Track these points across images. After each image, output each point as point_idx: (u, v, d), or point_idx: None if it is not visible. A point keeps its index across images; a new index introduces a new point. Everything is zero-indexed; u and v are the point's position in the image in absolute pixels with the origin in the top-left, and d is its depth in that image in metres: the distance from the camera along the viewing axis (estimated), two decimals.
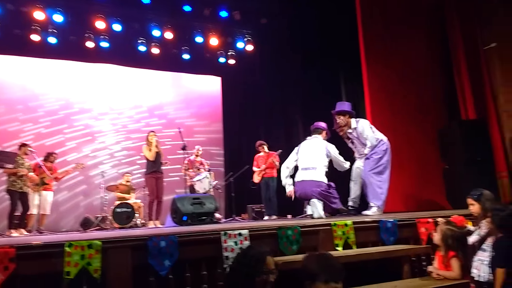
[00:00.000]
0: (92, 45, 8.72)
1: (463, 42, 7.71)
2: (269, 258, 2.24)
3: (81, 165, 7.51)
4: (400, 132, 6.84)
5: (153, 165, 6.79)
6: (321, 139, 5.29)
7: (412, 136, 7.14)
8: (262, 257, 2.22)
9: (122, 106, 9.79)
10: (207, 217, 5.32)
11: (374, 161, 5.29)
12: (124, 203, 7.51)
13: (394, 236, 3.73)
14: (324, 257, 2.17)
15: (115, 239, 2.80)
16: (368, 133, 5.36)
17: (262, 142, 7.91)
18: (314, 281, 2.08)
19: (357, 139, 5.48)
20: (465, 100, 7.65)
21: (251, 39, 9.57)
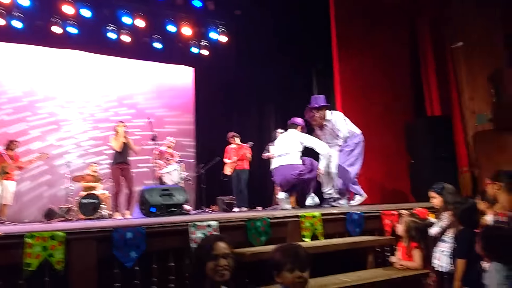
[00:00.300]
0: (59, 30, 8.39)
1: (431, 40, 7.94)
2: (218, 244, 2.25)
3: (45, 155, 7.27)
4: (369, 126, 6.97)
5: (119, 156, 6.66)
6: (295, 131, 5.40)
7: (380, 130, 7.30)
8: (210, 244, 2.25)
9: (90, 94, 9.50)
10: (176, 209, 5.27)
11: (346, 154, 5.44)
12: (91, 194, 7.33)
13: (360, 227, 3.83)
14: (290, 247, 2.21)
15: (79, 230, 2.73)
16: (341, 125, 5.49)
17: (234, 134, 7.88)
18: (280, 271, 2.11)
19: (331, 131, 5.60)
20: (431, 97, 7.90)
21: (225, 30, 9.47)
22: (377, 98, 7.58)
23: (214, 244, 2.25)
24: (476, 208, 3.25)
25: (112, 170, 6.83)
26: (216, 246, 2.24)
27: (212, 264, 2.19)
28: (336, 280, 2.94)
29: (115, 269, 2.73)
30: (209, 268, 2.20)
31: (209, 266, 2.20)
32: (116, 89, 9.80)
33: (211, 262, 2.20)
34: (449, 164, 6.73)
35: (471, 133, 7.77)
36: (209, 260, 2.20)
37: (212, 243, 2.27)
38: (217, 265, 2.19)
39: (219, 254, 2.22)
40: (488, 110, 7.69)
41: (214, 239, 2.31)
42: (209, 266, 2.20)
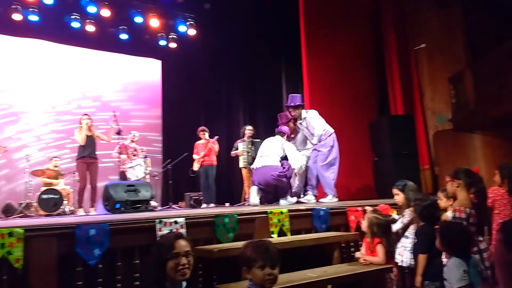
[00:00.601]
0: (19, 17, 7.99)
1: (395, 41, 8.18)
2: (179, 242, 2.22)
3: (3, 148, 6.94)
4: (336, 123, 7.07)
5: (84, 150, 6.43)
6: (281, 138, 5.58)
7: (346, 128, 7.44)
8: (169, 243, 2.21)
9: (51, 85, 9.13)
10: (142, 205, 5.17)
11: (325, 154, 5.56)
12: (51, 189, 7.05)
13: (326, 223, 3.89)
14: (261, 243, 2.21)
15: (39, 227, 2.63)
16: (316, 123, 5.63)
17: (204, 128, 7.80)
18: (251, 267, 2.11)
19: (306, 129, 5.74)
20: (395, 96, 8.14)
21: (194, 23, 9.34)
22: (342, 96, 7.73)
23: (175, 242, 2.22)
24: (436, 205, 3.37)
25: (76, 164, 6.60)
26: (176, 244, 2.21)
27: (173, 263, 2.16)
28: (303, 276, 2.97)
29: (78, 267, 2.64)
30: (169, 267, 2.16)
31: (170, 265, 2.16)
32: (79, 80, 9.46)
33: (172, 260, 2.16)
34: (411, 162, 6.95)
35: (432, 132, 8.08)
36: (170, 259, 2.16)
37: (172, 241, 2.22)
38: (178, 263, 2.16)
39: (180, 252, 2.19)
40: (447, 111, 8.02)
41: (175, 237, 2.27)
42: (169, 264, 2.16)
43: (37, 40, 8.79)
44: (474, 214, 3.07)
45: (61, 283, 2.58)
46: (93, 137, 6.53)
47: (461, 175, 3.19)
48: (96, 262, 2.69)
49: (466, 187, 3.16)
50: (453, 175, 3.24)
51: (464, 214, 3.04)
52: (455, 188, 3.20)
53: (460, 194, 3.18)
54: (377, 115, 8.17)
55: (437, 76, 8.18)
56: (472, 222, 3.05)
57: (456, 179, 3.20)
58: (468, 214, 3.04)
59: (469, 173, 3.22)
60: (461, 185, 3.16)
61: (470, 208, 3.08)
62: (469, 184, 3.17)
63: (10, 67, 8.74)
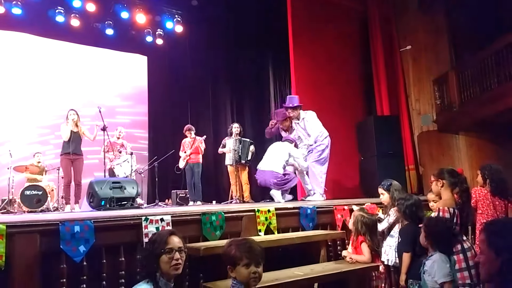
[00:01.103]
0: (2, 10, 7.79)
1: (382, 43, 8.26)
2: (172, 237, 2.25)
3: None
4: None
5: (68, 145, 6.33)
6: (289, 144, 5.63)
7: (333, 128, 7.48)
8: (163, 238, 2.24)
9: (35, 80, 8.94)
10: (127, 202, 5.11)
11: (318, 153, 5.71)
12: (34, 185, 6.93)
13: (313, 222, 3.90)
14: (245, 242, 2.21)
15: (21, 223, 2.57)
16: (314, 124, 5.76)
17: (190, 127, 7.76)
18: (236, 266, 2.11)
19: (303, 130, 5.85)
20: (381, 97, 8.23)
21: (181, 20, 9.27)
22: (330, 96, 7.78)
23: (168, 238, 2.24)
24: (420, 204, 3.42)
25: (60, 160, 6.50)
26: (170, 240, 2.23)
27: (167, 258, 2.18)
28: (289, 274, 2.98)
29: (61, 264, 2.60)
30: (163, 262, 2.18)
31: (163, 260, 2.18)
32: (64, 75, 9.28)
33: (165, 255, 2.18)
34: (397, 162, 7.03)
35: (417, 133, 8.20)
36: (163, 254, 2.18)
37: (166, 237, 2.25)
38: (172, 258, 2.18)
39: (173, 247, 2.21)
40: (432, 112, 8.15)
41: (168, 233, 2.30)
42: (163, 259, 2.18)
43: (20, 33, 8.60)
44: (458, 214, 3.12)
45: (45, 280, 2.54)
46: (79, 133, 6.44)
47: (445, 175, 3.23)
48: (81, 258, 2.65)
49: (450, 187, 3.21)
50: (437, 175, 3.29)
51: (448, 214, 3.08)
52: (440, 188, 3.25)
53: (444, 193, 3.23)
54: (363, 115, 8.24)
55: (422, 78, 8.30)
56: (456, 221, 3.09)
57: (440, 179, 3.25)
58: (452, 213, 3.08)
59: (453, 173, 3.27)
60: (445, 185, 3.21)
61: (454, 208, 3.12)
62: (452, 184, 3.22)
63: None
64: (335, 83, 7.94)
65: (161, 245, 2.20)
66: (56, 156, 8.27)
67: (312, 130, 5.76)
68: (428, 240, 2.85)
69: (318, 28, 7.96)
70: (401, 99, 8.24)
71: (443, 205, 3.16)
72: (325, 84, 7.79)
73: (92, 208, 4.99)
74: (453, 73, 7.70)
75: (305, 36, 7.81)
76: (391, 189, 3.80)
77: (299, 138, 5.93)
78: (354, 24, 8.62)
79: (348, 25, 8.52)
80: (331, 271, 3.17)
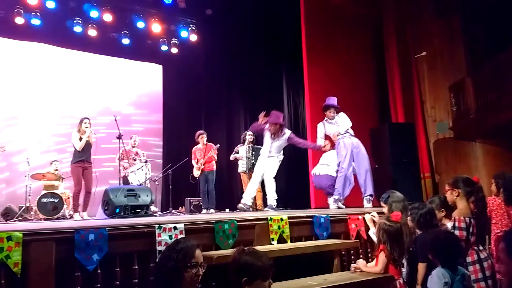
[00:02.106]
0: (21, 21, 8.04)
1: (396, 49, 8.20)
2: (197, 252, 2.22)
3: (1, 148, 6.94)
4: None
5: (80, 154, 6.38)
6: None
7: None
8: (190, 251, 2.19)
9: (53, 89, 9.14)
10: (141, 210, 5.15)
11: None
12: (51, 193, 7.04)
13: (326, 231, 3.86)
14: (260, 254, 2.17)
15: (37, 231, 2.60)
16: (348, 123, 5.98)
17: (202, 132, 7.78)
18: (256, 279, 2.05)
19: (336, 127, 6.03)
20: (395, 103, 8.15)
21: (196, 29, 9.38)
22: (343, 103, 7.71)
23: (195, 251, 2.21)
24: (434, 213, 3.32)
25: (71, 169, 6.47)
26: (196, 254, 2.20)
27: (191, 272, 2.15)
28: (302, 283, 2.95)
29: (76, 272, 2.62)
30: (187, 276, 2.14)
31: (188, 274, 2.14)
32: (80, 84, 9.47)
33: (190, 270, 2.15)
34: (412, 170, 6.92)
35: (433, 140, 8.08)
36: (189, 268, 2.15)
37: (194, 250, 2.21)
38: (196, 273, 2.16)
39: (198, 262, 2.19)
40: (448, 119, 8.03)
41: (195, 247, 2.24)
42: (188, 274, 2.14)
43: (39, 44, 8.83)
44: (474, 224, 3.04)
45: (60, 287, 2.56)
46: (90, 142, 6.50)
47: (460, 184, 3.17)
48: (94, 267, 2.67)
49: (465, 196, 3.14)
50: (452, 184, 3.22)
51: (464, 223, 3.01)
52: (455, 198, 3.17)
53: (459, 203, 3.15)
54: (378, 122, 8.16)
55: (438, 84, 8.20)
56: (472, 231, 3.02)
57: (455, 188, 3.18)
58: (468, 223, 3.01)
59: (468, 182, 3.20)
60: (461, 194, 3.14)
61: (470, 217, 3.05)
62: (468, 193, 3.15)
63: (11, 70, 8.76)
64: (349, 91, 7.89)
65: (188, 258, 2.16)
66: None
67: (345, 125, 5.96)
68: (430, 254, 2.77)
69: (332, 35, 7.96)
70: (417, 106, 8.15)
71: (458, 214, 3.09)
72: (338, 91, 7.71)
73: (106, 216, 5.04)
74: (470, 80, 7.58)
75: (319, 44, 7.81)
76: (388, 201, 3.71)
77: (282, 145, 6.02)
78: (368, 31, 8.58)
79: (362, 32, 8.48)
80: (345, 281, 3.12)
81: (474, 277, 2.84)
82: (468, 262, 2.96)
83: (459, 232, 3.00)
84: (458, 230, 3.01)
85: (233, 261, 2.16)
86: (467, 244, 3.01)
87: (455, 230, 3.03)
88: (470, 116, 7.51)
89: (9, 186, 8.29)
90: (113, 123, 6.75)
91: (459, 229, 3.01)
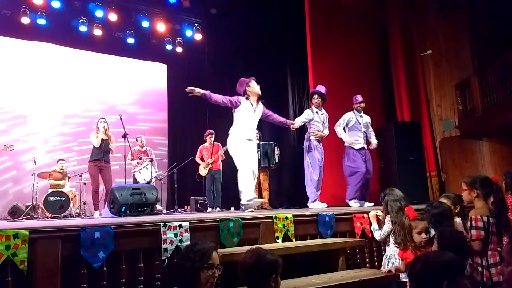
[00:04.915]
0: (27, 21, 8.09)
1: (402, 48, 8.15)
2: (214, 254, 2.23)
3: (9, 147, 7.01)
4: None
5: (97, 152, 6.58)
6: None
7: None
8: (208, 252, 2.20)
9: (59, 88, 9.20)
10: (147, 208, 5.17)
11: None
12: (57, 191, 7.09)
13: (331, 229, 3.85)
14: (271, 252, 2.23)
15: (44, 229, 2.62)
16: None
17: (211, 132, 7.84)
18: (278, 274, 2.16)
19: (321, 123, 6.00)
20: (401, 102, 8.10)
21: (200, 28, 9.39)
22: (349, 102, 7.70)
23: (213, 253, 2.22)
24: (448, 214, 3.16)
25: (88, 167, 6.76)
26: (213, 256, 2.22)
27: (207, 274, 2.16)
28: (308, 282, 2.95)
29: (82, 269, 2.64)
30: (203, 277, 2.15)
31: (204, 275, 2.16)
32: (86, 84, 9.53)
33: (207, 271, 2.16)
34: (418, 169, 6.90)
35: (439, 139, 8.03)
36: (207, 269, 2.16)
37: (211, 252, 2.22)
38: (212, 275, 2.17)
39: (214, 264, 2.20)
40: (454, 117, 7.98)
41: (212, 249, 2.25)
42: (204, 275, 2.16)
43: (45, 43, 8.88)
44: (494, 223, 2.89)
45: (65, 285, 2.58)
46: (108, 141, 6.65)
47: (478, 185, 3.03)
48: (100, 265, 2.68)
49: (484, 197, 3.01)
50: (470, 184, 3.07)
51: (481, 223, 2.86)
52: (473, 198, 3.05)
53: (477, 203, 3.03)
54: (383, 121, 8.12)
55: (444, 83, 8.15)
56: (492, 230, 2.87)
57: (473, 188, 3.04)
58: (486, 222, 2.87)
59: (487, 183, 3.05)
60: (479, 195, 3.01)
61: (488, 216, 2.90)
62: (487, 194, 3.03)
63: (17, 69, 8.83)
64: (354, 89, 7.84)
65: (205, 259, 2.17)
66: (79, 162, 8.48)
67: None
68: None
69: (337, 34, 7.92)
70: (422, 104, 8.10)
71: (475, 213, 2.94)
72: (343, 90, 7.72)
73: (112, 214, 5.07)
74: (476, 78, 7.53)
75: (324, 43, 7.78)
76: (385, 200, 3.66)
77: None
78: (373, 29, 8.54)
79: (367, 30, 8.45)
80: (350, 279, 3.11)
81: (497, 279, 2.68)
82: (490, 264, 2.80)
83: (476, 231, 2.87)
84: (475, 230, 2.87)
85: (256, 263, 2.17)
86: (485, 244, 2.86)
87: (471, 229, 2.91)
88: (476, 114, 7.46)
89: (16, 185, 8.36)
90: (119, 122, 6.77)
91: (476, 228, 2.87)
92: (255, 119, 5.12)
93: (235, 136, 4.93)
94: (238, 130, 5.00)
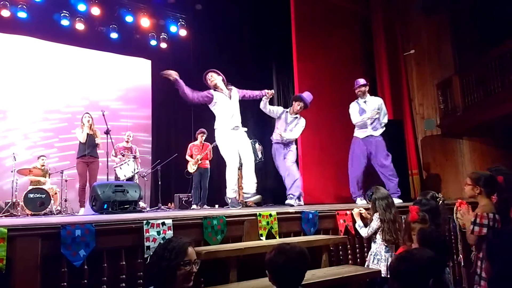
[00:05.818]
0: (7, 14, 7.90)
1: (385, 47, 8.23)
2: (190, 249, 2.20)
3: None
4: (325, 129, 7.14)
5: (84, 148, 6.51)
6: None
7: (335, 133, 7.47)
8: (183, 249, 2.18)
9: (40, 83, 9.01)
10: (129, 206, 5.11)
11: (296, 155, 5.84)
12: (38, 189, 6.95)
13: (314, 227, 3.88)
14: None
15: (23, 226, 2.57)
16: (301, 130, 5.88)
17: (203, 131, 7.83)
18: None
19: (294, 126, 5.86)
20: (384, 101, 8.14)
21: (185, 24, 9.31)
22: (332, 100, 7.76)
23: (188, 249, 2.20)
24: (437, 210, 3.23)
25: (76, 163, 6.70)
26: (189, 251, 2.19)
27: (184, 270, 2.14)
28: None
29: (62, 267, 2.60)
30: (180, 273, 2.13)
31: (181, 272, 2.13)
32: (68, 79, 9.35)
33: (184, 268, 2.14)
34: (400, 167, 6.96)
35: (421, 137, 8.16)
36: (183, 266, 2.14)
37: (186, 248, 2.20)
38: (190, 271, 2.15)
39: (191, 260, 2.18)
40: (436, 116, 8.11)
41: (187, 245, 2.23)
42: (181, 271, 2.13)
43: (26, 37, 8.69)
44: (499, 220, 2.90)
45: (45, 283, 2.53)
46: (94, 136, 6.57)
47: (482, 183, 3.06)
48: (81, 263, 2.64)
49: (487, 195, 3.06)
50: (475, 181, 3.09)
51: (486, 220, 2.88)
52: (476, 194, 3.08)
53: (481, 200, 3.07)
54: None
55: (426, 82, 8.27)
56: (497, 227, 2.88)
57: (477, 185, 3.07)
58: (492, 218, 2.88)
59: (491, 181, 3.08)
60: (482, 193, 3.05)
61: (493, 213, 2.91)
62: (490, 192, 3.07)
63: None
64: (338, 87, 7.91)
65: (181, 256, 2.15)
66: (60, 159, 8.34)
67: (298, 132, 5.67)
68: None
69: (322, 32, 7.95)
70: (405, 103, 8.21)
71: (481, 211, 2.98)
72: (328, 88, 7.77)
73: (94, 212, 5.00)
74: (457, 77, 7.67)
75: (309, 41, 7.80)
76: (372, 199, 3.72)
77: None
78: (357, 28, 8.60)
79: (352, 28, 8.50)
80: (333, 276, 3.15)
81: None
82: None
83: (479, 228, 2.89)
84: (478, 227, 2.89)
85: (296, 256, 2.24)
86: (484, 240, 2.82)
87: (475, 226, 2.92)
88: (457, 113, 7.60)
89: None
90: (101, 119, 6.68)
91: (479, 225, 2.89)
92: (234, 106, 5.15)
93: (220, 130, 4.97)
94: (221, 122, 5.05)
